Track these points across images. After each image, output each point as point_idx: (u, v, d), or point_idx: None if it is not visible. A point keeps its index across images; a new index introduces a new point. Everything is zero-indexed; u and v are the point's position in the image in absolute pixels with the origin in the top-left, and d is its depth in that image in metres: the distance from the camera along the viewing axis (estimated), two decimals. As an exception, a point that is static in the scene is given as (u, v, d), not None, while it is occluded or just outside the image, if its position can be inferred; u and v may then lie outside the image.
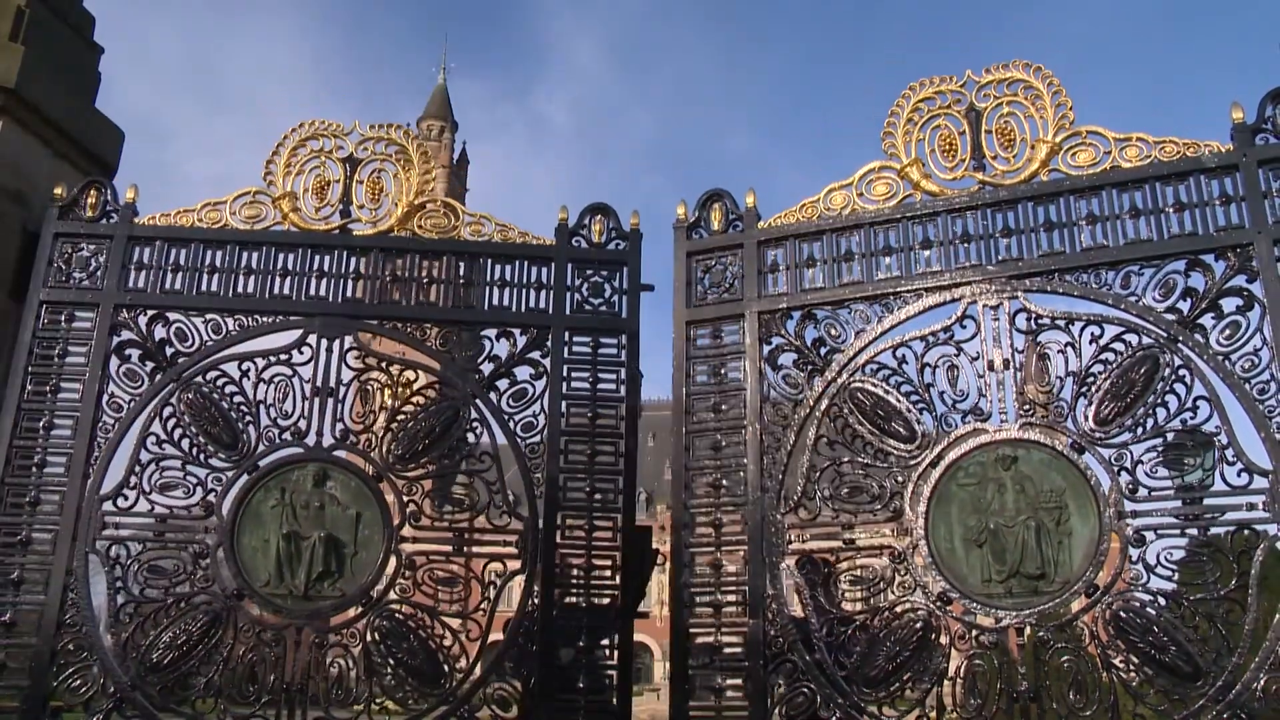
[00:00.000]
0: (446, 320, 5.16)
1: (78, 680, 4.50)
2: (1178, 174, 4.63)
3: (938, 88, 5.08)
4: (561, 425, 5.06)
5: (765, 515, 4.80)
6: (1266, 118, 4.57)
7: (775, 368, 5.01)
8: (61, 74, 5.70)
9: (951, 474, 4.61)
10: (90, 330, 5.00)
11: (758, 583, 4.75)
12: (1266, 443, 4.19)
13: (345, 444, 4.93)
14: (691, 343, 5.20)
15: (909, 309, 4.87)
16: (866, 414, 4.77)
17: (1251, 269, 4.35)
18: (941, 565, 4.53)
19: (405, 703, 4.71)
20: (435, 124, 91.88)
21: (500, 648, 4.78)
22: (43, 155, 5.55)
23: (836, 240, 5.08)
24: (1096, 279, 4.62)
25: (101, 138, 5.93)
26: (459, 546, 4.91)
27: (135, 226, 5.22)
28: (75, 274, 5.08)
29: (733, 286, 5.19)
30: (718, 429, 5.05)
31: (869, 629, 4.61)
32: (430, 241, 5.25)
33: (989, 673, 4.37)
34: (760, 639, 4.67)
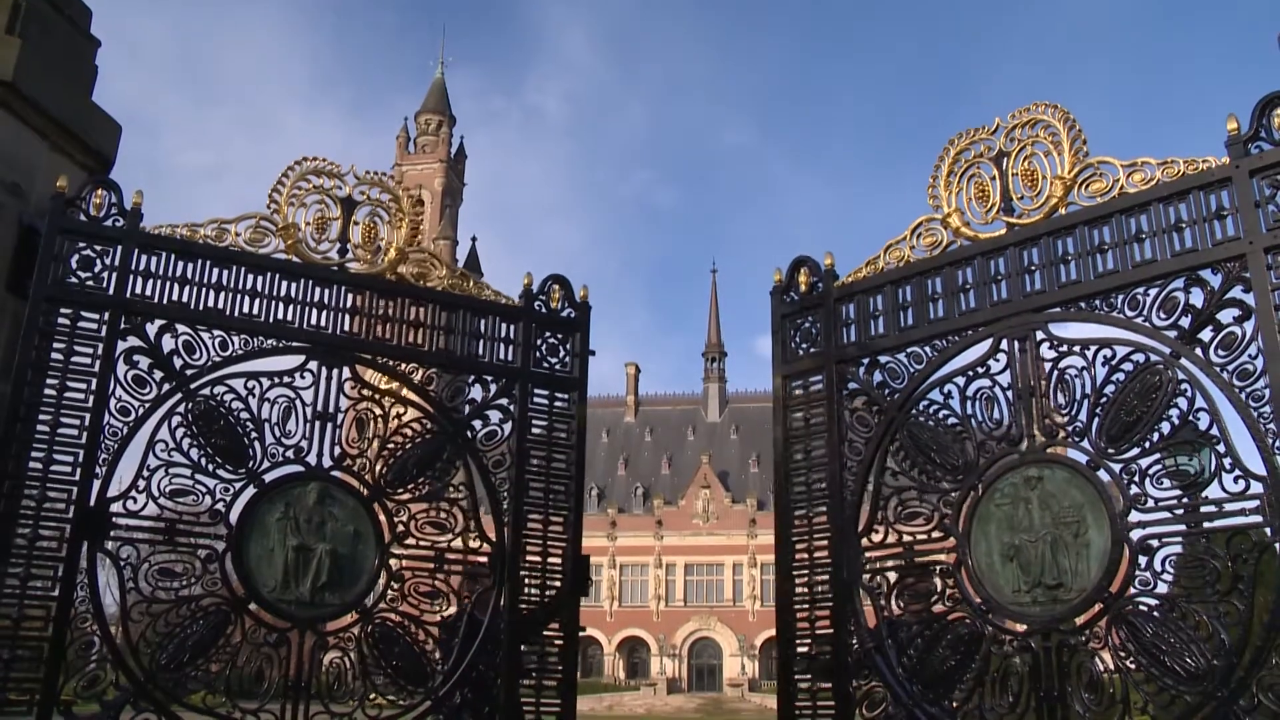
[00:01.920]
0: (431, 362, 5.73)
1: (90, 676, 4.63)
2: (1178, 193, 4.72)
3: (972, 138, 5.45)
4: (525, 465, 5.79)
5: (845, 540, 5.44)
6: (1259, 127, 4.57)
7: (851, 411, 5.62)
8: (59, 67, 5.68)
9: (990, 495, 5.01)
10: (96, 331, 4.98)
11: (842, 599, 5.40)
12: (1260, 449, 4.29)
13: (342, 466, 5.34)
14: (788, 393, 5.99)
15: (953, 348, 5.33)
16: (921, 447, 5.28)
17: (1246, 280, 4.43)
18: (982, 579, 4.96)
19: (395, 700, 5.23)
20: (433, 118, 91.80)
21: (473, 652, 5.36)
22: (40, 148, 5.51)
23: (894, 291, 5.60)
24: (1108, 303, 4.84)
25: (99, 131, 5.89)
26: (439, 564, 5.50)
27: (145, 234, 5.21)
28: (80, 272, 5.05)
29: (816, 340, 5.89)
30: (808, 468, 5.76)
31: (925, 637, 5.11)
32: (419, 289, 5.77)
33: (1021, 676, 4.73)
34: (844, 648, 5.32)
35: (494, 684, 5.40)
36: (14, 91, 5.17)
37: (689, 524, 72.03)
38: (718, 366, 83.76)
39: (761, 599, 70.18)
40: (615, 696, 63.59)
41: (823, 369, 5.79)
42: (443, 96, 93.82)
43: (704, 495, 72.48)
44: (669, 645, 69.09)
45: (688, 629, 70.06)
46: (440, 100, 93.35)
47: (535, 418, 5.91)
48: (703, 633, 70.13)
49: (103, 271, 5.12)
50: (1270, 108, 4.55)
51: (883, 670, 5.17)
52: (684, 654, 69.86)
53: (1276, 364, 4.29)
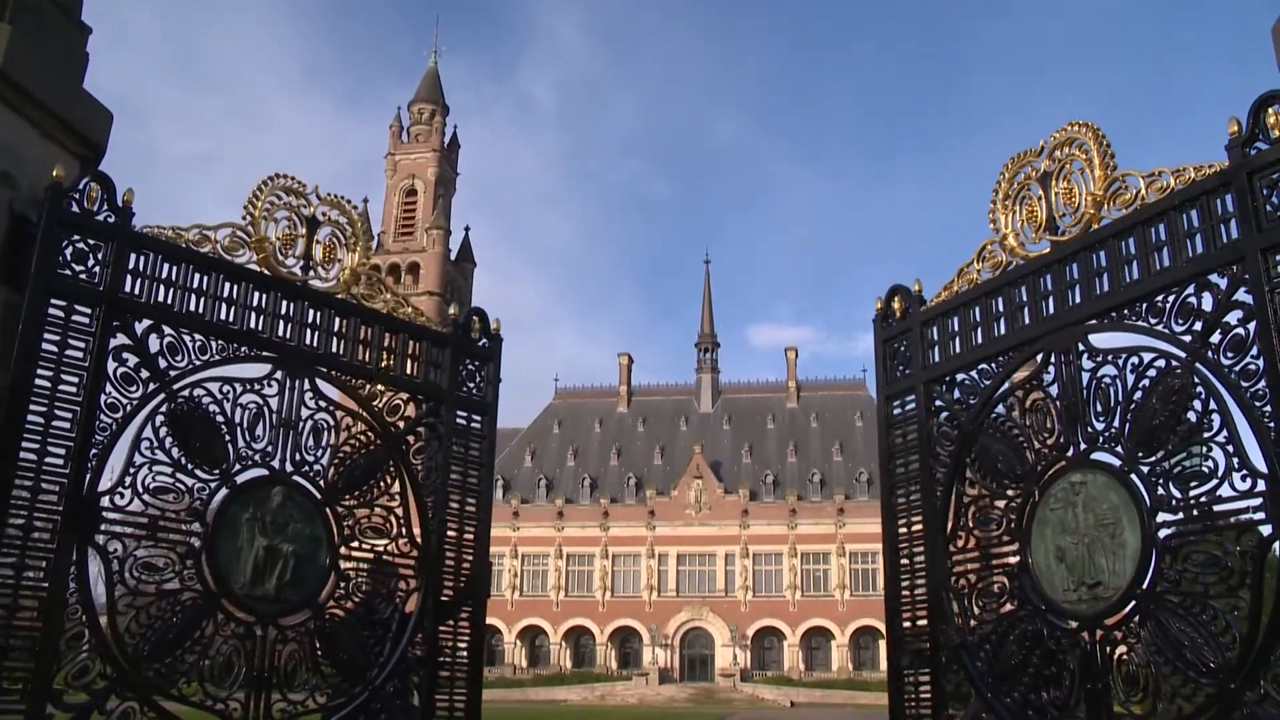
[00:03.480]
0: (377, 379, 6.13)
1: (80, 666, 4.74)
2: (1189, 199, 4.86)
3: (1021, 162, 5.73)
4: (448, 480, 6.24)
5: (936, 547, 5.89)
6: (1255, 128, 4.63)
7: (937, 427, 6.07)
8: (49, 54, 5.63)
9: (1045, 501, 5.32)
10: (88, 326, 5.02)
11: (934, 601, 5.86)
12: (1262, 446, 4.42)
13: (301, 471, 5.65)
14: (889, 412, 6.43)
15: (1013, 364, 5.67)
16: (991, 457, 5.64)
17: (1249, 282, 4.53)
18: (1040, 579, 5.27)
19: (341, 689, 5.56)
20: (426, 107, 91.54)
21: (403, 646, 5.83)
22: (31, 136, 5.46)
23: (965, 312, 6.00)
24: (1134, 313, 5.05)
25: (91, 119, 5.84)
26: (378, 566, 5.91)
27: (135, 233, 5.26)
28: (74, 265, 5.05)
29: (909, 362, 6.34)
30: (906, 481, 6.21)
31: (997, 634, 5.48)
32: (368, 310, 6.16)
33: (1072, 670, 5.02)
34: (938, 646, 5.79)
35: (419, 674, 5.92)
36: (4, 78, 5.13)
37: (681, 514, 72.18)
38: (710, 357, 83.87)
39: (753, 589, 70.41)
40: (607, 686, 63.79)
41: (913, 389, 6.26)
42: (436, 86, 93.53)
43: (696, 486, 72.64)
44: (661, 635, 69.28)
45: (680, 619, 70.26)
46: (433, 89, 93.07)
47: (456, 437, 6.36)
48: (695, 623, 70.35)
49: (95, 266, 5.11)
50: (1264, 108, 4.59)
51: (966, 666, 5.55)
52: (676, 644, 70.08)
53: (1273, 363, 4.38)
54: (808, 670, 67.48)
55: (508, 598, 72.68)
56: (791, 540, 70.41)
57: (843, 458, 74.11)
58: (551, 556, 73.14)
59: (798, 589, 69.61)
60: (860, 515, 70.03)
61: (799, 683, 63.91)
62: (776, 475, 73.54)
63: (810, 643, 69.35)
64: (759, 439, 77.28)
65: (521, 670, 69.94)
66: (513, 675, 68.31)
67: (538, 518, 73.92)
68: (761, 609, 69.71)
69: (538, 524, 73.65)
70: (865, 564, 69.72)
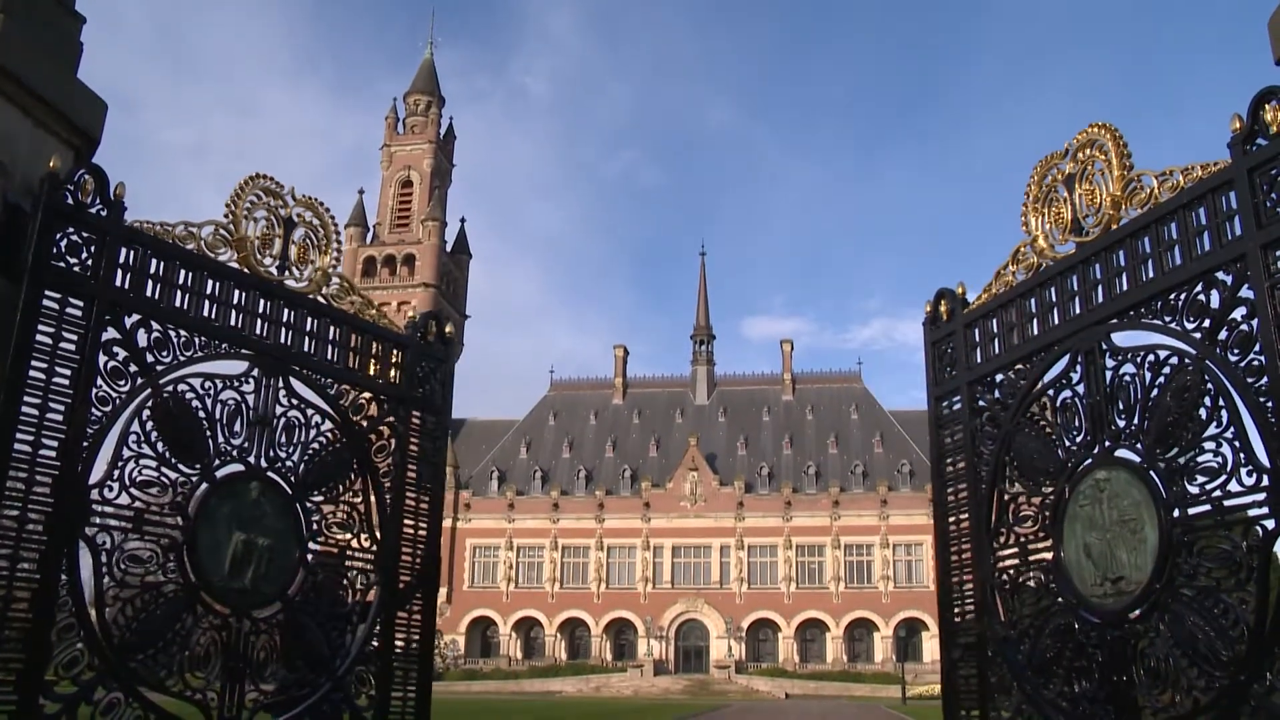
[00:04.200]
0: (344, 378, 6.27)
1: (69, 656, 4.75)
2: (1197, 197, 4.92)
3: (1049, 164, 5.84)
4: (404, 478, 6.43)
5: (981, 543, 6.07)
6: (1254, 124, 4.65)
7: (980, 427, 6.23)
8: (43, 43, 5.61)
9: (1075, 497, 5.42)
10: (81, 319, 5.01)
11: (981, 596, 6.03)
12: (1265, 442, 4.47)
13: (274, 467, 5.74)
14: (939, 413, 6.62)
15: (1045, 364, 5.79)
16: (1027, 455, 5.78)
17: (1249, 277, 4.59)
18: (1071, 574, 5.38)
19: (307, 680, 5.69)
20: (422, 99, 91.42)
21: (362, 638, 6.01)
22: (24, 125, 5.43)
23: (1003, 314, 6.15)
24: (1150, 311, 5.12)
25: (85, 109, 5.82)
26: (342, 560, 6.06)
27: (127, 226, 5.27)
28: (68, 257, 5.04)
29: (955, 364, 6.52)
30: (955, 480, 6.39)
31: (1035, 629, 5.61)
32: (337, 311, 6.30)
33: (1099, 663, 5.15)
34: (984, 639, 5.96)
35: (376, 663, 6.11)
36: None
37: (676, 506, 72.32)
38: (706, 349, 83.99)
39: (748, 581, 70.55)
40: (602, 678, 63.91)
41: (958, 390, 6.45)
42: (431, 77, 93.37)
43: (692, 478, 72.75)
44: (656, 627, 69.43)
45: (675, 611, 70.42)
46: (429, 81, 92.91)
47: (413, 436, 6.55)
48: (690, 615, 70.52)
49: (88, 259, 5.11)
50: (1262, 104, 4.62)
51: (1009, 659, 5.71)
52: (671, 636, 70.25)
53: (1273, 359, 4.43)
54: (802, 662, 67.71)
55: (503, 590, 72.83)
56: (786, 532, 70.57)
57: (838, 450, 74.27)
58: (547, 548, 73.24)
59: (792, 581, 69.78)
60: (855, 508, 70.35)
61: (794, 675, 64.11)
62: (772, 468, 73.67)
63: (805, 635, 69.57)
64: (754, 431, 77.38)
65: (516, 662, 70.11)
66: (508, 667, 68.48)
67: (533, 509, 74.02)
68: (756, 601, 69.88)
69: (533, 516, 73.75)
70: (859, 556, 69.97)
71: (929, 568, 68.61)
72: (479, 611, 72.67)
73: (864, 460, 73.15)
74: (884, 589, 68.51)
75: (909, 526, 69.18)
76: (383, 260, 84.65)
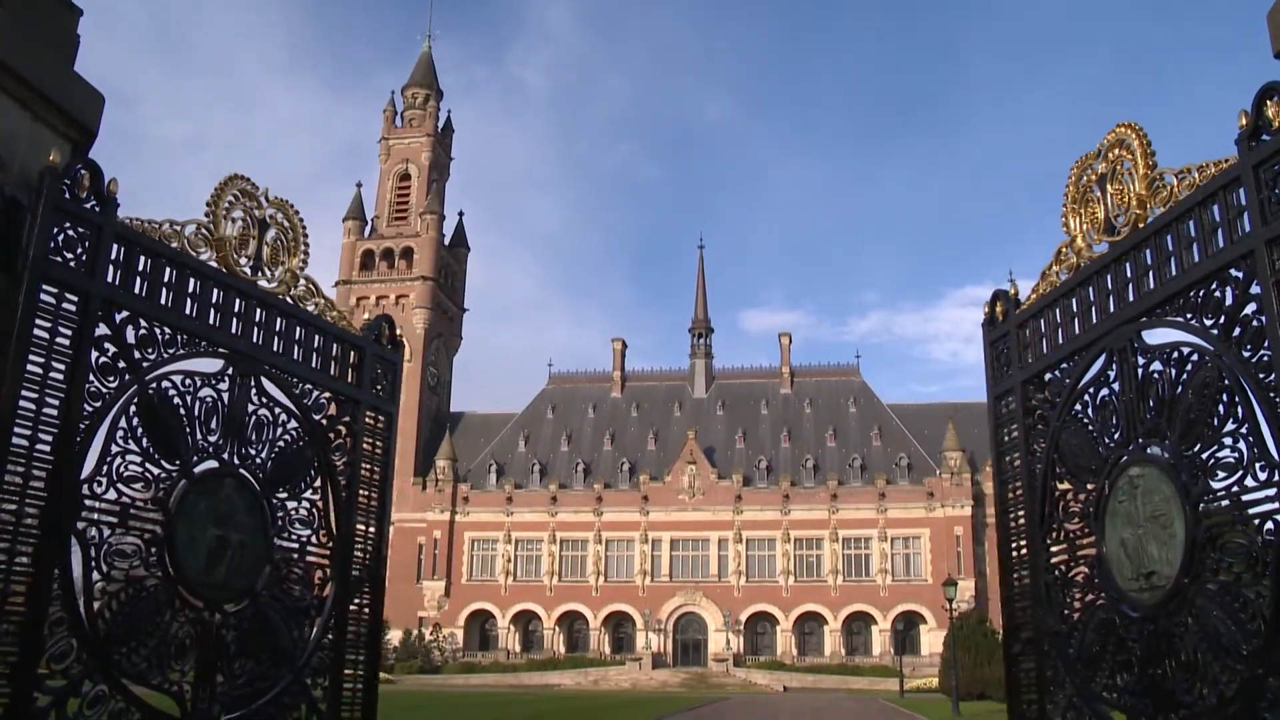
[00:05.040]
0: (307, 378, 6.45)
1: (59, 649, 4.80)
2: (1211, 194, 4.96)
3: (1084, 165, 5.95)
4: (357, 476, 6.67)
5: (1035, 540, 6.21)
6: (1258, 120, 4.67)
7: (1033, 425, 6.38)
8: (40, 36, 5.60)
9: (1114, 493, 5.52)
10: (75, 314, 5.05)
11: (1037, 591, 6.17)
12: (1276, 436, 4.52)
13: (245, 464, 5.89)
14: (998, 411, 6.79)
15: (1086, 362, 5.90)
16: (1072, 453, 5.91)
17: (1257, 274, 4.64)
18: (1111, 569, 5.49)
19: (269, 673, 5.84)
20: (420, 92, 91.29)
21: (318, 632, 6.20)
22: (22, 119, 5.43)
23: (1049, 314, 6.30)
24: (1174, 308, 5.19)
25: (82, 102, 5.81)
26: (303, 555, 6.23)
27: (119, 223, 5.31)
28: (64, 252, 5.06)
29: (1009, 364, 6.70)
30: (1012, 478, 6.55)
31: (1081, 624, 5.74)
32: (305, 313, 6.49)
33: (1139, 655, 5.22)
34: (1040, 633, 6.10)
35: (330, 656, 6.31)
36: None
37: (675, 500, 72.38)
38: (704, 342, 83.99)
39: (746, 575, 70.65)
40: (600, 671, 64.02)
41: (1013, 389, 6.61)
42: (430, 70, 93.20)
43: (690, 471, 72.80)
44: (654, 620, 69.53)
45: (673, 604, 70.53)
46: (427, 74, 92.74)
47: (365, 436, 6.81)
48: (688, 608, 70.63)
49: (82, 254, 5.14)
50: (1265, 100, 4.64)
51: (1062, 653, 5.84)
52: (669, 629, 70.36)
53: (1279, 354, 4.48)
54: (800, 655, 67.85)
55: (501, 583, 72.91)
56: (784, 526, 70.67)
57: (836, 443, 74.34)
58: (545, 541, 73.30)
59: (790, 574, 69.90)
60: (853, 501, 70.42)
61: (792, 668, 64.24)
62: (770, 461, 73.74)
63: (803, 628, 69.69)
64: (752, 424, 77.44)
65: (515, 655, 70.21)
66: (506, 660, 68.60)
67: (531, 503, 74.07)
68: (754, 594, 69.98)
69: (531, 509, 73.81)
70: (857, 550, 70.07)
71: (926, 561, 68.78)
72: (477, 605, 72.75)
73: (862, 453, 73.23)
74: (882, 582, 68.62)
75: (907, 520, 69.32)
76: (381, 253, 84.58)
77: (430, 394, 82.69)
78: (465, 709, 27.50)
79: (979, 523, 68.71)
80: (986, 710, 31.30)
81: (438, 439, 78.36)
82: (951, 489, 68.88)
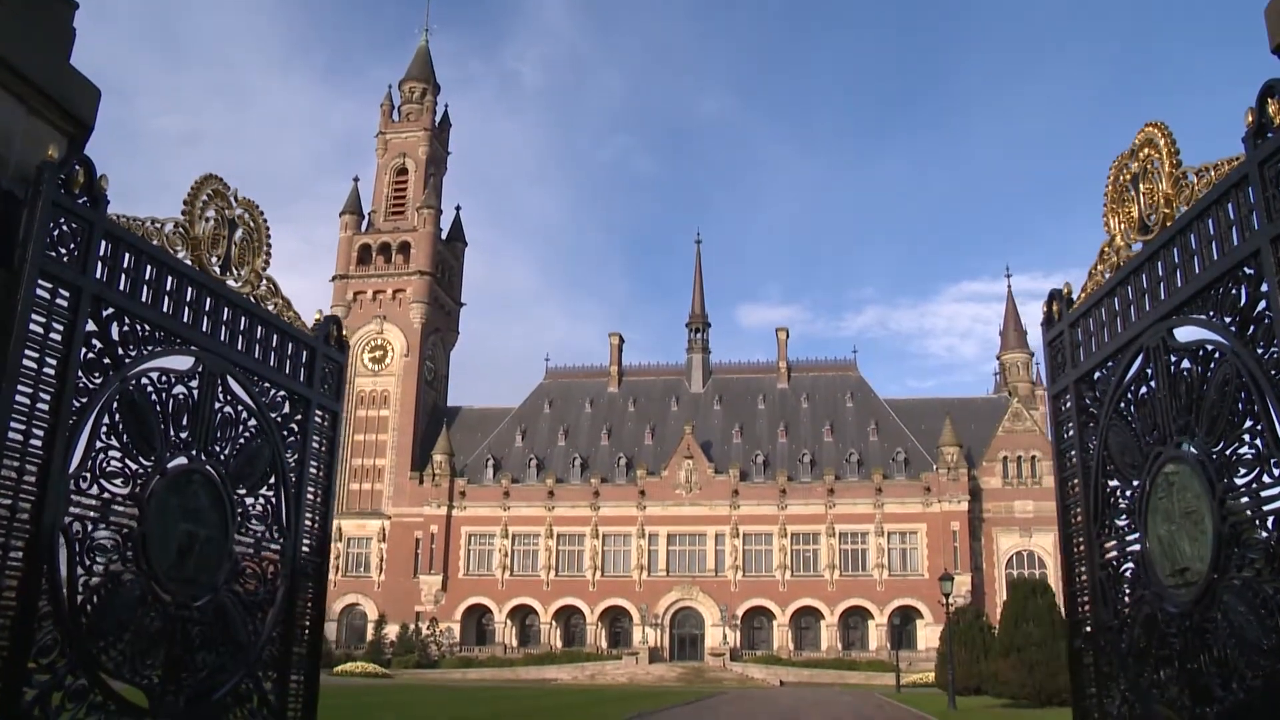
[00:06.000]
0: (266, 376, 6.58)
1: (44, 643, 4.84)
2: (1224, 193, 4.99)
3: (1120, 165, 6.03)
4: (305, 473, 6.84)
5: (1090, 536, 6.32)
6: (1263, 117, 4.68)
7: (1085, 424, 6.49)
8: (35, 28, 5.58)
9: (1154, 490, 5.58)
10: (66, 309, 5.10)
11: (1094, 586, 6.29)
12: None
13: (211, 461, 6.01)
14: (1057, 409, 6.90)
15: (1126, 360, 5.97)
16: (1117, 450, 6.00)
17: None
18: (1155, 565, 5.55)
19: (227, 666, 5.94)
20: (418, 86, 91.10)
21: (269, 626, 6.35)
22: (18, 112, 5.41)
23: (1096, 312, 6.40)
24: (1198, 306, 5.23)
25: (79, 96, 5.80)
26: (258, 551, 6.38)
27: (109, 219, 5.37)
28: (59, 248, 5.06)
29: (1064, 364, 6.82)
30: (1070, 476, 6.66)
31: (1132, 617, 5.83)
32: (266, 313, 6.64)
33: (1178, 650, 5.29)
34: (1098, 628, 6.24)
35: (279, 650, 6.48)
36: (-10, 53, 5.06)
37: (672, 494, 72.40)
38: (701, 337, 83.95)
39: (743, 569, 70.70)
40: (597, 666, 64.08)
41: (1068, 388, 6.73)
42: (427, 64, 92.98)
43: (687, 466, 72.81)
44: (651, 615, 69.58)
45: (670, 599, 70.56)
46: (425, 68, 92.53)
47: (314, 434, 6.99)
48: (685, 603, 70.67)
49: (76, 250, 5.15)
50: (1266, 97, 4.64)
51: (1115, 647, 5.96)
52: (666, 624, 70.42)
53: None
54: (797, 650, 67.94)
55: (498, 577, 72.93)
56: (781, 520, 70.71)
57: (833, 438, 74.39)
58: (542, 536, 73.31)
59: (787, 569, 69.95)
60: (849, 496, 70.48)
61: (788, 662, 64.35)
62: (767, 456, 73.77)
63: (800, 623, 69.78)
64: (749, 419, 77.44)
65: (512, 650, 70.25)
66: (503, 655, 68.62)
67: (528, 497, 74.06)
68: (751, 589, 70.04)
69: (528, 504, 73.80)
70: (854, 544, 70.13)
71: (923, 556, 68.89)
72: (474, 599, 72.76)
73: (859, 449, 73.28)
74: (878, 577, 68.70)
75: (903, 515, 69.39)
76: (378, 248, 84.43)
77: (427, 389, 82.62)
78: (430, 705, 27.15)
79: (975, 518, 68.84)
80: (983, 705, 31.37)
81: (435, 434, 78.29)
82: (948, 484, 68.93)
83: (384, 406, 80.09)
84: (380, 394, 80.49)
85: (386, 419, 79.71)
